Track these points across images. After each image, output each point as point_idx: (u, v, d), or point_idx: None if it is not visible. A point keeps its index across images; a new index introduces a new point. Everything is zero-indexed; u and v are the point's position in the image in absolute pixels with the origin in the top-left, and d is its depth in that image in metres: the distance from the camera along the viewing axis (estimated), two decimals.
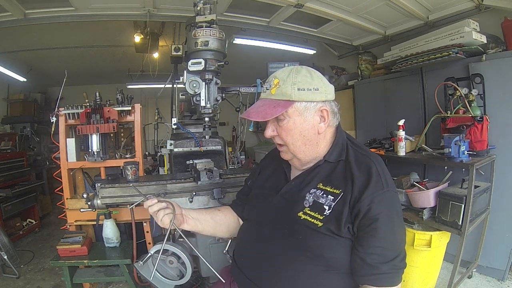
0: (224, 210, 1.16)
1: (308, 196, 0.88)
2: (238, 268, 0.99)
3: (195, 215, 1.05)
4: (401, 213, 0.88)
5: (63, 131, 1.96)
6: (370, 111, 3.39)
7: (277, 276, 0.87)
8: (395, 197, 0.85)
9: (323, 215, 0.83)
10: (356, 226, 0.80)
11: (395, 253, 0.80)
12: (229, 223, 1.12)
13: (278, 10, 2.64)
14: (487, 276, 2.28)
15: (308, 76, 0.86)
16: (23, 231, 3.31)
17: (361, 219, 0.79)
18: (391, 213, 0.81)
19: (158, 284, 1.06)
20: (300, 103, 0.85)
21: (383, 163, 0.88)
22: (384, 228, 0.78)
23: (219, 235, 1.16)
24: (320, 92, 0.86)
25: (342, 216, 0.80)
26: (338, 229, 0.80)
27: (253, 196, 1.07)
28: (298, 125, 0.87)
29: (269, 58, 2.34)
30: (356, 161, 0.87)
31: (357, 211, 0.79)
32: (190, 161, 1.74)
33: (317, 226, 0.82)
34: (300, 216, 0.86)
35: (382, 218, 0.78)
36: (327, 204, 0.84)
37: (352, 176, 0.84)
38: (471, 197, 1.80)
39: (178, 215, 0.97)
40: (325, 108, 0.88)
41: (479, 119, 2.02)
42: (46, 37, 3.24)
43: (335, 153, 0.91)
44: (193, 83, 1.44)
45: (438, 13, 2.58)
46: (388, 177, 0.85)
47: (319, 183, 0.88)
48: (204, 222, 1.06)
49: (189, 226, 1.02)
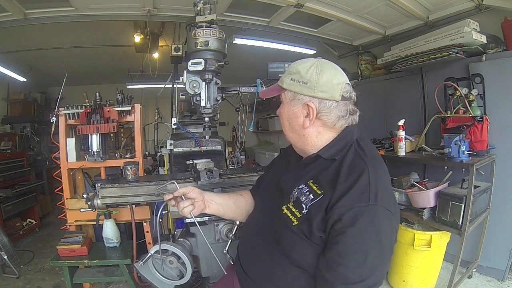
0: (246, 195, 1.18)
1: (295, 191, 0.85)
2: (239, 260, 1.01)
3: (218, 200, 1.09)
4: (390, 236, 0.75)
5: (63, 131, 1.96)
6: (370, 111, 3.37)
7: (262, 268, 0.89)
8: (383, 215, 0.72)
9: (301, 213, 0.80)
10: (326, 235, 0.74)
11: (360, 277, 0.69)
12: (249, 208, 1.14)
13: (278, 10, 2.64)
14: (487, 276, 2.28)
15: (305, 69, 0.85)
16: (23, 231, 3.31)
17: (330, 228, 0.73)
18: (368, 231, 0.70)
19: (158, 284, 1.06)
20: (288, 92, 0.89)
21: (383, 172, 0.80)
22: (351, 245, 0.70)
23: (238, 220, 1.17)
24: (308, 87, 0.84)
25: (314, 221, 0.75)
26: (309, 233, 0.76)
27: (264, 184, 1.10)
28: (286, 112, 0.91)
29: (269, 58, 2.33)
30: (350, 164, 0.80)
31: (328, 219, 0.73)
32: (190, 161, 1.74)
33: (292, 224, 0.80)
34: (283, 210, 0.85)
35: (351, 233, 0.69)
36: (305, 203, 0.80)
37: (337, 180, 0.77)
38: (471, 197, 1.80)
39: (200, 203, 1.03)
40: (311, 104, 0.84)
41: (479, 119, 2.02)
42: (46, 37, 3.24)
43: (332, 151, 0.85)
44: (193, 83, 1.44)
45: (438, 13, 2.58)
46: (382, 190, 0.74)
47: (310, 180, 0.84)
48: (227, 208, 1.10)
49: (211, 210, 1.07)
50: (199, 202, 1.03)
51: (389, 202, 0.75)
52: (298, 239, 0.78)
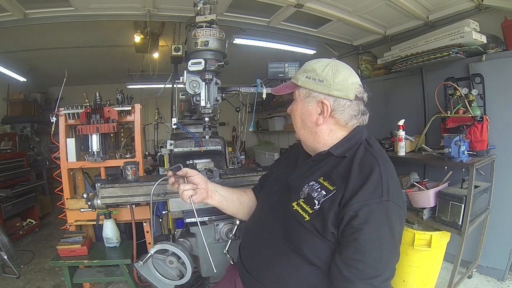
0: (249, 193, 1.18)
1: (305, 187, 0.86)
2: (241, 260, 1.00)
3: (223, 192, 1.09)
4: (398, 229, 0.77)
5: (63, 131, 1.96)
6: (370, 111, 3.37)
7: (266, 267, 0.88)
8: (394, 210, 0.75)
9: (312, 209, 0.80)
10: (340, 232, 0.75)
11: (377, 272, 0.72)
12: (251, 206, 1.14)
13: (278, 10, 2.64)
14: (487, 276, 2.28)
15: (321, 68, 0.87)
16: (23, 231, 3.31)
17: (345, 225, 0.73)
18: (383, 227, 0.73)
19: (158, 284, 1.06)
20: (303, 89, 0.90)
21: (392, 169, 0.82)
22: (368, 241, 0.71)
23: (239, 217, 1.16)
24: (324, 85, 0.86)
25: (328, 217, 0.76)
26: (322, 229, 0.77)
27: (269, 182, 1.09)
28: (299, 109, 0.92)
29: (269, 58, 2.34)
30: (361, 160, 0.82)
31: (342, 216, 0.74)
32: (190, 161, 1.74)
33: (304, 220, 0.81)
34: (293, 207, 0.85)
35: (368, 229, 0.71)
36: (317, 199, 0.81)
37: (350, 176, 0.78)
38: (471, 197, 1.80)
39: (202, 190, 1.02)
40: (325, 101, 0.86)
41: (479, 119, 2.02)
42: (46, 37, 3.24)
43: (342, 148, 0.87)
44: (193, 83, 1.44)
45: (438, 13, 2.58)
46: (393, 186, 0.77)
47: (321, 177, 0.85)
48: (230, 202, 1.10)
49: (214, 202, 1.06)
50: (202, 189, 1.02)
51: (399, 198, 0.78)
52: (310, 234, 0.79)
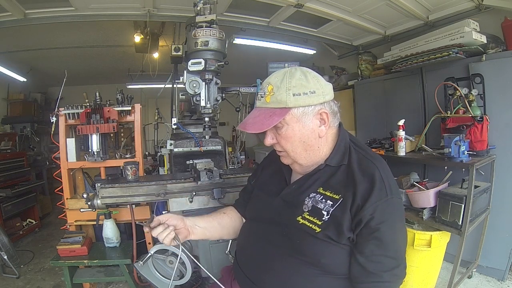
0: (230, 213, 1.15)
1: (307, 200, 0.85)
2: (239, 266, 0.99)
3: (202, 224, 1.04)
4: (404, 219, 0.88)
5: (63, 131, 1.96)
6: (370, 111, 3.38)
7: (273, 277, 0.87)
8: (398, 204, 0.83)
9: (321, 220, 0.81)
10: (357, 234, 0.78)
11: (397, 262, 0.79)
12: (235, 225, 1.12)
13: (278, 10, 2.64)
14: (487, 276, 2.28)
15: (303, 79, 0.82)
16: (23, 231, 3.31)
17: (363, 227, 0.77)
18: (394, 221, 0.80)
19: (158, 284, 1.06)
20: (297, 109, 0.81)
21: (387, 167, 0.86)
22: (387, 237, 0.77)
23: (225, 238, 1.15)
24: (317, 95, 0.82)
25: (343, 223, 0.78)
26: (338, 237, 0.79)
27: (255, 196, 1.07)
28: (297, 132, 0.84)
29: (269, 58, 2.34)
30: (359, 165, 0.84)
31: (359, 220, 0.77)
32: (190, 161, 1.74)
33: (314, 232, 0.81)
34: (299, 221, 0.84)
35: (385, 227, 0.77)
36: (325, 210, 0.81)
37: (355, 182, 0.80)
38: (471, 197, 1.80)
39: (182, 229, 0.97)
40: (324, 110, 0.84)
41: (479, 119, 2.02)
42: (46, 37, 3.24)
43: (337, 157, 0.87)
44: (193, 83, 1.44)
45: (438, 13, 2.58)
46: (392, 182, 0.82)
47: (319, 188, 0.86)
48: (212, 229, 1.06)
49: (196, 236, 1.02)
50: (181, 229, 0.97)
51: (398, 191, 0.84)
52: (326, 244, 0.80)
